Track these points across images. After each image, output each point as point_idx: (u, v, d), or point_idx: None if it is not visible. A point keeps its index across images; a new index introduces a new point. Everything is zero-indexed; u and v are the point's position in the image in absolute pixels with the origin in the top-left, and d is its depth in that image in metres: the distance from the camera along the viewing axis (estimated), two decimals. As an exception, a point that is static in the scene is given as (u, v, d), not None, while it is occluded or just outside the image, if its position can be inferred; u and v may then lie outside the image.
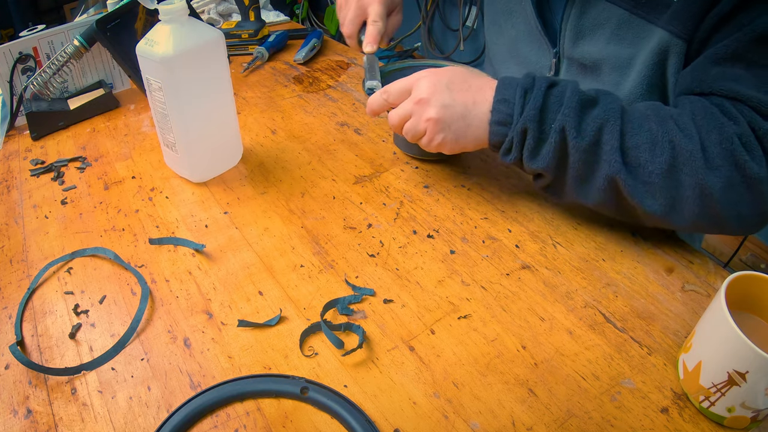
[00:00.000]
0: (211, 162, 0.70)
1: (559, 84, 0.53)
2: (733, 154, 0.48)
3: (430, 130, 0.56)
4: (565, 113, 0.51)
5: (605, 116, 0.51)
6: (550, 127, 0.52)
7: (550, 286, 0.54)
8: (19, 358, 0.48)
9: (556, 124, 0.51)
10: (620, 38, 0.59)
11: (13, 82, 0.81)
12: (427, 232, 0.60)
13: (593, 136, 0.51)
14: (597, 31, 0.61)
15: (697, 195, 0.49)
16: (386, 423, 0.43)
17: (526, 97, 0.53)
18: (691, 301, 0.52)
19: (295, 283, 0.55)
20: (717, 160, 0.48)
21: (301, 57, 1.01)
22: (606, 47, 0.61)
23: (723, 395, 0.40)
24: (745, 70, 0.50)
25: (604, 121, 0.51)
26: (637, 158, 0.50)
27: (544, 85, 0.53)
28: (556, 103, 0.52)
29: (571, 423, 0.42)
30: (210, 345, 0.49)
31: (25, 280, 0.57)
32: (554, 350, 0.47)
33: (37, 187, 0.71)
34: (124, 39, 0.83)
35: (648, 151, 0.50)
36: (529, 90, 0.53)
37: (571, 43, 0.64)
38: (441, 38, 2.78)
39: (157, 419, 0.43)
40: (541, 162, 0.53)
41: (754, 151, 0.48)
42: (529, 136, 0.52)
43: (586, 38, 0.62)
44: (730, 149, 0.48)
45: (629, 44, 0.59)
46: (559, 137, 0.51)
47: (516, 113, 0.53)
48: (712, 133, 0.49)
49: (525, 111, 0.52)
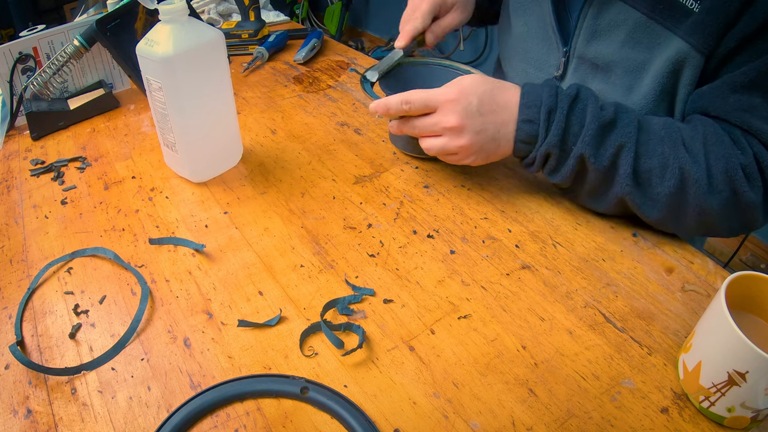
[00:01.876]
0: (211, 162, 0.70)
1: (580, 100, 0.55)
2: (734, 182, 0.52)
3: (462, 154, 0.59)
4: (585, 141, 0.54)
5: (622, 140, 0.53)
6: (571, 151, 0.55)
7: (550, 286, 0.54)
8: (19, 358, 0.48)
9: (575, 150, 0.54)
10: (636, 42, 0.59)
11: (13, 82, 0.81)
12: (427, 232, 0.60)
13: (610, 160, 0.54)
14: (612, 32, 0.61)
15: (696, 213, 0.53)
16: (386, 423, 0.43)
17: (550, 118, 0.55)
18: (691, 301, 0.52)
19: (295, 283, 0.55)
20: (719, 186, 0.52)
21: (301, 57, 1.01)
22: (620, 49, 0.61)
23: (723, 395, 0.40)
24: (761, 100, 0.52)
25: (621, 146, 0.53)
26: (647, 180, 0.54)
27: (566, 103, 0.54)
28: (577, 125, 0.54)
29: (571, 423, 0.42)
30: (210, 345, 0.49)
31: (25, 280, 0.57)
32: (554, 350, 0.47)
33: (37, 187, 0.71)
34: (124, 39, 0.83)
35: (658, 176, 0.53)
36: (553, 111, 0.55)
37: (585, 42, 0.64)
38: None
39: (157, 419, 0.43)
40: (560, 178, 0.57)
41: (753, 182, 0.52)
42: (552, 159, 0.56)
43: (601, 38, 0.62)
44: (734, 178, 0.51)
45: (644, 49, 0.59)
46: (578, 162, 0.55)
47: (541, 135, 0.55)
48: (719, 161, 0.52)
49: (549, 136, 0.55)
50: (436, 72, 0.73)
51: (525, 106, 0.56)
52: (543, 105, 0.55)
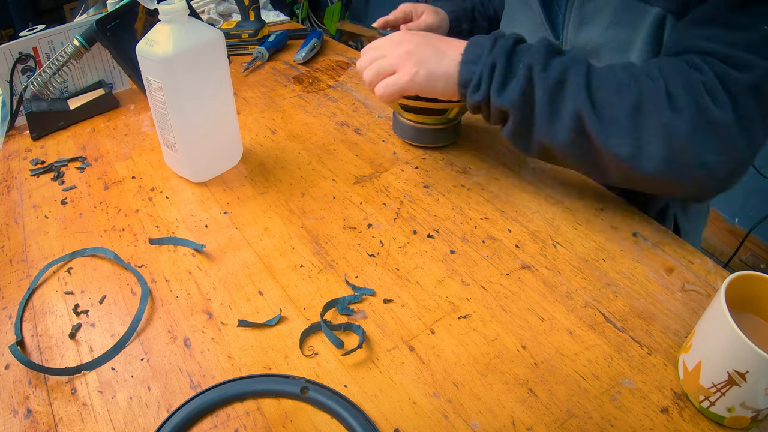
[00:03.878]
0: (211, 162, 0.70)
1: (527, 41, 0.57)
2: (696, 98, 0.49)
3: (402, 64, 0.58)
4: (533, 55, 0.54)
5: (571, 61, 0.53)
6: (519, 65, 0.54)
7: (550, 286, 0.54)
8: (19, 358, 0.48)
9: (524, 63, 0.54)
10: (619, 21, 0.62)
11: (13, 82, 0.81)
12: (427, 232, 0.60)
13: (560, 74, 0.53)
14: (597, 17, 0.64)
15: (662, 136, 0.50)
16: (386, 423, 0.43)
17: (496, 42, 0.56)
18: (691, 301, 0.52)
19: (295, 283, 0.55)
20: (681, 103, 0.49)
21: (301, 57, 1.01)
22: (606, 32, 0.63)
23: (723, 395, 0.40)
24: (721, 29, 0.52)
25: (571, 63, 0.53)
26: (602, 99, 0.51)
27: (513, 36, 0.56)
28: (525, 48, 0.55)
29: (571, 423, 0.42)
30: (210, 345, 0.49)
31: (25, 280, 0.57)
32: (554, 350, 0.47)
33: (37, 187, 0.71)
34: (124, 39, 0.83)
35: (614, 93, 0.51)
36: (500, 37, 0.56)
37: (575, 31, 0.67)
38: (441, 38, 2.78)
39: (157, 419, 0.43)
40: (509, 97, 0.54)
41: (717, 97, 0.49)
42: (497, 71, 0.54)
43: (588, 24, 0.65)
44: (694, 94, 0.49)
45: (627, 26, 0.61)
46: (527, 72, 0.53)
47: (485, 53, 0.56)
48: (677, 78, 0.50)
49: (495, 49, 0.55)
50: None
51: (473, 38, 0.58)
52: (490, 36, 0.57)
